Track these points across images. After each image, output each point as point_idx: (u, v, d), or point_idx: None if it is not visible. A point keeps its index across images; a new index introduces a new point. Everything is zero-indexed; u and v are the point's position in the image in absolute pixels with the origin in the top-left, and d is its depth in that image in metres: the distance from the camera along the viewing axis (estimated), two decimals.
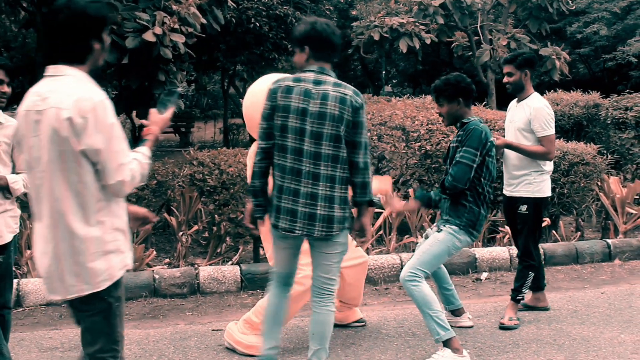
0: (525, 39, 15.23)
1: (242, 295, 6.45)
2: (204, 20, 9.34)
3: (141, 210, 3.43)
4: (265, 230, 4.44)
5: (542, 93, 12.54)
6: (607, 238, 8.15)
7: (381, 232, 7.64)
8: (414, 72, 27.92)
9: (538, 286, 5.94)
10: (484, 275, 7.07)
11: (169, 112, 3.38)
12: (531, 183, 5.62)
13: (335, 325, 5.46)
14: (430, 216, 7.84)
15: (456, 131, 5.07)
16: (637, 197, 8.79)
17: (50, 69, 2.95)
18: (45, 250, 2.94)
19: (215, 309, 6.08)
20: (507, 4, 15.32)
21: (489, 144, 4.84)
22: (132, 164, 2.96)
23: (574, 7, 17.04)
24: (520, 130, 5.63)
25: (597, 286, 6.72)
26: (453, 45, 15.40)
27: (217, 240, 7.07)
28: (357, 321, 5.56)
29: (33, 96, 2.92)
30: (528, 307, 5.93)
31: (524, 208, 5.64)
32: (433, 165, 8.02)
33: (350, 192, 4.05)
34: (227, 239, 7.35)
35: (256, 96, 4.89)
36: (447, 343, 4.62)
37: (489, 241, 8.11)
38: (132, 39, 8.26)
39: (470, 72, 19.64)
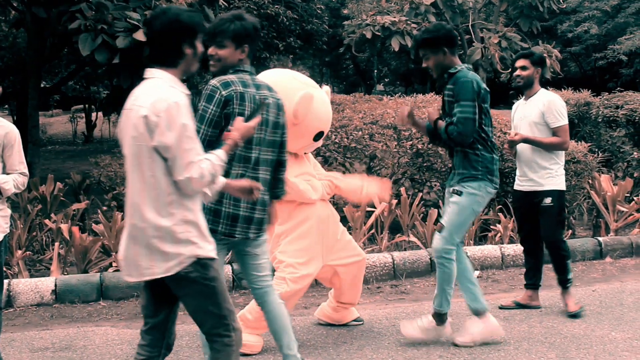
0: (517, 37, 15.26)
1: (234, 294, 6.44)
2: None
3: (245, 182, 3.64)
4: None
5: None
6: (599, 236, 8.17)
7: (373, 231, 7.64)
8: (406, 70, 27.92)
9: (534, 284, 5.97)
10: (476, 273, 7.07)
11: (254, 121, 3.59)
12: (554, 176, 5.72)
13: (332, 325, 5.48)
14: (422, 215, 7.85)
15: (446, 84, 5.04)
16: (628, 195, 8.82)
17: (147, 72, 3.21)
18: (124, 234, 3.22)
19: None
20: (498, 2, 15.36)
21: (482, 91, 4.87)
22: (203, 163, 3.13)
23: (564, 6, 17.10)
24: (535, 124, 5.71)
25: (589, 284, 6.74)
26: None
27: None
28: (355, 320, 5.54)
29: (131, 96, 3.18)
30: (520, 305, 5.94)
31: (548, 201, 5.71)
32: (425, 164, 8.03)
33: None
34: None
35: None
36: (437, 316, 5.04)
37: (481, 239, 8.12)
38: (122, 38, 8.24)
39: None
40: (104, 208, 7.58)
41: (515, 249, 7.47)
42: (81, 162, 15.69)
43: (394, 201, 7.69)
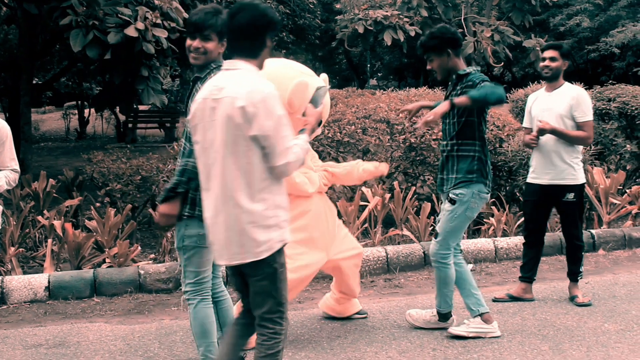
0: (509, 31, 15.27)
1: (228, 289, 6.42)
2: (186, 15, 9.29)
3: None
4: None
5: (526, 85, 12.60)
6: (591, 228, 8.19)
7: (366, 225, 7.64)
8: (399, 65, 27.93)
9: (530, 278, 6.01)
10: (470, 266, 7.04)
11: (321, 107, 3.86)
12: (576, 171, 5.78)
13: (334, 318, 5.48)
14: (415, 209, 7.85)
15: (451, 87, 5.06)
16: (621, 187, 8.85)
17: (227, 63, 3.43)
18: (215, 220, 3.38)
19: None
20: None
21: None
22: (295, 148, 3.36)
23: None
24: (562, 116, 5.73)
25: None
26: None
27: None
28: (358, 313, 5.54)
29: (211, 86, 3.38)
30: (514, 298, 5.97)
31: (571, 196, 5.79)
32: (418, 158, 8.04)
33: None
34: None
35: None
36: (441, 316, 5.19)
37: (474, 233, 8.14)
38: (114, 34, 8.21)
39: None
40: (97, 204, 7.56)
41: (509, 242, 7.48)
42: (74, 158, 15.65)
43: (387, 195, 7.70)
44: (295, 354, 4.78)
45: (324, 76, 5.26)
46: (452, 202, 4.95)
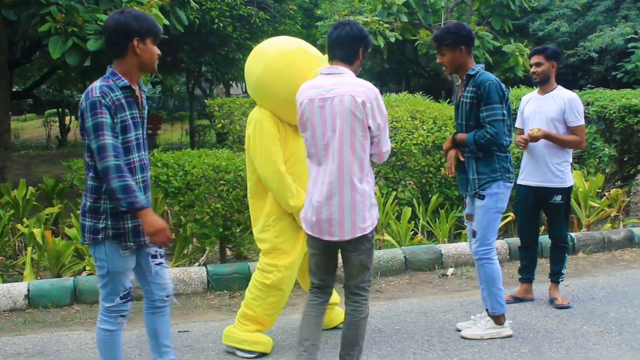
0: (489, 36, 15.35)
1: (209, 296, 6.43)
2: (166, 22, 9.28)
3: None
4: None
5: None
6: (571, 231, 8.24)
7: None
8: (380, 70, 27.98)
9: (530, 279, 6.10)
10: (450, 270, 7.12)
11: None
12: (564, 173, 5.85)
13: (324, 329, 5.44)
14: (396, 214, 7.87)
15: (461, 83, 5.14)
16: (600, 190, 8.92)
17: (329, 68, 4.06)
18: (329, 201, 3.90)
19: (182, 310, 6.05)
20: (470, 1, 15.44)
21: (506, 93, 4.99)
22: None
23: (536, 4, 17.25)
24: (554, 120, 5.79)
25: None
26: (417, 43, 15.47)
27: (183, 242, 7.03)
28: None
29: (317, 89, 3.96)
30: (517, 299, 6.03)
31: (558, 198, 5.85)
32: (398, 163, 8.06)
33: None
34: (194, 240, 7.32)
35: (273, 64, 4.71)
36: (495, 319, 5.14)
37: (455, 237, 8.17)
38: (93, 41, 8.17)
39: (436, 69, 19.77)
40: (77, 212, 7.51)
41: None
42: (55, 166, 15.56)
43: None
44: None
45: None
46: (482, 197, 5.05)
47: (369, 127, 3.89)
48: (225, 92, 25.82)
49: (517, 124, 6.16)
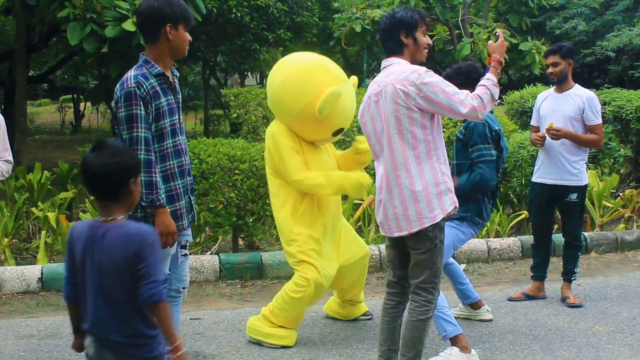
0: (506, 33, 15.26)
1: (221, 285, 6.45)
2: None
3: None
4: None
5: (522, 87, 12.62)
6: (584, 231, 8.20)
7: (360, 223, 7.66)
8: None
9: (542, 277, 6.09)
10: (462, 266, 7.08)
11: (502, 38, 4.02)
12: (580, 172, 5.83)
13: (341, 320, 5.47)
14: None
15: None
16: (614, 191, 8.88)
17: (384, 62, 3.95)
18: (387, 196, 3.83)
19: (194, 298, 6.08)
20: None
21: (494, 133, 4.81)
22: (479, 90, 3.77)
23: (554, 2, 17.12)
24: (572, 118, 5.77)
25: None
26: (434, 38, 15.40)
27: (196, 230, 7.06)
28: (364, 314, 5.49)
29: (372, 86, 3.92)
30: (529, 297, 6.03)
31: (574, 196, 5.83)
32: None
33: None
34: (207, 228, 7.34)
35: (289, 78, 4.77)
36: (454, 341, 4.57)
37: None
38: (111, 27, 8.21)
39: (451, 65, 19.68)
40: (91, 197, 7.55)
41: (502, 243, 7.51)
42: (69, 151, 15.62)
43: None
44: (287, 350, 4.79)
45: (354, 79, 5.16)
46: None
47: (421, 110, 3.71)
48: (240, 82, 25.83)
49: (533, 122, 6.13)
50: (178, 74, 3.98)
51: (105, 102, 15.99)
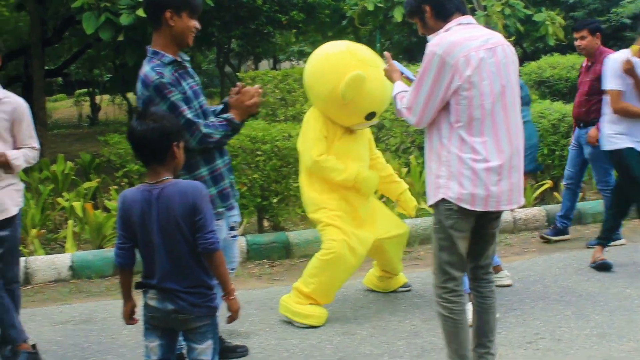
0: (520, 4, 15.12)
1: (249, 265, 6.48)
2: None
3: None
4: None
5: (538, 58, 12.52)
6: None
7: (384, 199, 7.63)
8: (408, 44, 27.77)
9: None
10: None
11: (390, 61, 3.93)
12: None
13: (373, 294, 5.51)
14: None
15: None
16: None
17: (467, 17, 3.51)
18: (510, 165, 3.40)
19: None
20: None
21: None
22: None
23: None
24: None
25: None
26: None
27: None
28: (403, 286, 5.54)
29: (474, 40, 3.37)
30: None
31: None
32: None
33: None
34: None
35: (317, 65, 4.96)
36: None
37: None
38: (126, 15, 8.22)
39: None
40: (115, 187, 7.58)
41: (527, 213, 7.48)
42: (88, 144, 15.68)
43: (404, 169, 7.69)
44: (320, 326, 4.82)
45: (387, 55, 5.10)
46: None
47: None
48: (254, 68, 25.82)
49: (617, 86, 5.70)
50: (188, 58, 3.92)
51: (123, 91, 16.03)
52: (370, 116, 4.93)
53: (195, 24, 3.76)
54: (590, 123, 6.36)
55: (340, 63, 4.81)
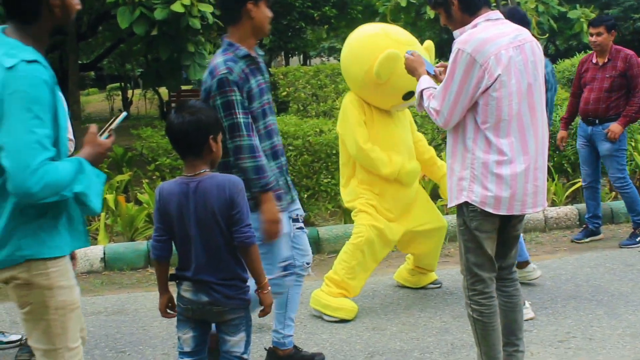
0: (554, 1, 15.00)
1: None
2: None
3: None
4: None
5: (572, 56, 12.40)
6: None
7: None
8: (439, 41, 27.66)
9: None
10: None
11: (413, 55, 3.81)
12: None
13: (403, 290, 5.52)
14: None
15: None
16: None
17: (495, 13, 3.38)
18: (535, 167, 3.33)
19: None
20: None
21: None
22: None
23: None
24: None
25: None
26: None
27: None
28: (433, 282, 5.52)
29: (503, 37, 3.27)
30: None
31: None
32: None
33: None
34: None
35: (352, 47, 4.95)
36: None
37: None
38: (160, 10, 8.26)
39: None
40: (146, 180, 7.65)
41: (558, 212, 7.42)
42: (120, 137, 15.74)
43: None
44: (350, 320, 4.82)
45: (428, 44, 5.05)
46: None
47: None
48: (285, 64, 25.86)
49: None
50: (262, 53, 3.88)
51: (152, 87, 16.11)
52: (407, 96, 4.81)
53: (270, 12, 3.73)
54: (608, 119, 6.36)
55: (375, 43, 4.78)
